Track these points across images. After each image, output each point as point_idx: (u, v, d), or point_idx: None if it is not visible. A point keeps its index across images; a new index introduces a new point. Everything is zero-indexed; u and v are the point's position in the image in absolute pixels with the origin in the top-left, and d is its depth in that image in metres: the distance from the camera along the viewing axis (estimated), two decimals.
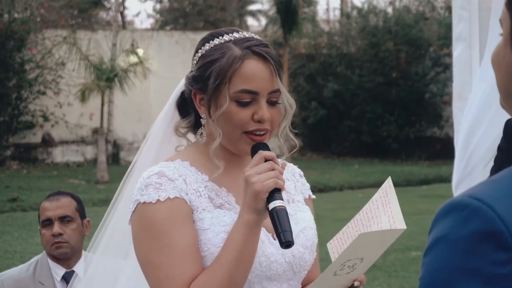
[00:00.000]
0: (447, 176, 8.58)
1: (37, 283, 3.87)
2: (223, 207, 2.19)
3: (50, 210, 3.91)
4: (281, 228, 2.00)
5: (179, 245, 2.09)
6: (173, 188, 2.14)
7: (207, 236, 2.13)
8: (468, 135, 3.65)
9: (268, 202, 2.04)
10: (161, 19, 32.93)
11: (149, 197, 2.12)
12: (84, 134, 21.50)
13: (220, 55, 2.17)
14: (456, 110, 3.79)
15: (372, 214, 2.27)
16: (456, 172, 3.75)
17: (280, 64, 2.21)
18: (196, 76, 2.22)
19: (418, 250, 10.43)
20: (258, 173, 2.05)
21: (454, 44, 3.81)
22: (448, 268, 1.39)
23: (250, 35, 2.24)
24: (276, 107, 2.19)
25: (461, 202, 1.41)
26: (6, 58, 19.08)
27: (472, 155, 3.65)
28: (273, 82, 2.17)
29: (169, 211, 2.11)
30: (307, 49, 23.76)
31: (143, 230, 2.13)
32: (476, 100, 3.64)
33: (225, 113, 2.14)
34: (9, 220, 13.34)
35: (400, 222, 2.20)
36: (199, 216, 2.15)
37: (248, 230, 2.06)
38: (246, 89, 2.14)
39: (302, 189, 2.44)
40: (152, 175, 2.16)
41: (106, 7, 28.03)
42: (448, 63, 21.48)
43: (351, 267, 2.13)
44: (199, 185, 2.19)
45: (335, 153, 23.24)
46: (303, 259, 2.24)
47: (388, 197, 2.27)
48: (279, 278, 2.19)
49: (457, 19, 3.78)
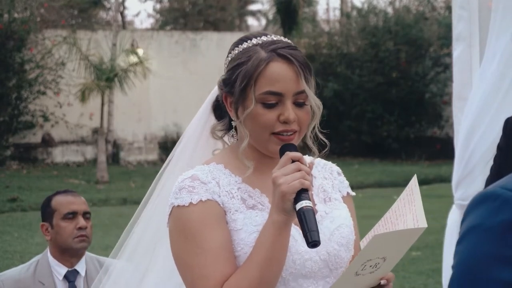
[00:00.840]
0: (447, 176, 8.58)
1: (37, 283, 3.88)
2: (255, 207, 2.24)
3: (77, 204, 3.96)
4: (307, 227, 2.04)
5: (212, 246, 2.15)
6: (205, 190, 2.20)
7: (240, 236, 2.18)
8: (468, 135, 3.66)
9: (295, 203, 2.08)
10: (161, 19, 32.94)
11: (182, 200, 2.19)
12: (84, 134, 21.51)
13: (246, 58, 2.23)
14: (456, 110, 3.79)
15: (400, 212, 2.30)
16: (456, 172, 3.75)
17: (307, 66, 2.25)
18: (225, 79, 2.29)
19: (418, 250, 10.43)
20: (284, 174, 2.10)
21: (454, 44, 3.81)
22: (481, 255, 1.44)
23: (278, 38, 2.29)
24: (304, 108, 2.23)
25: (493, 192, 1.45)
26: (6, 58, 19.09)
27: (472, 155, 3.65)
28: (298, 84, 2.21)
29: (201, 213, 2.18)
30: (307, 49, 23.75)
31: (178, 232, 2.19)
32: (476, 100, 3.64)
33: (251, 115, 2.20)
34: (9, 220, 13.34)
35: (422, 221, 2.23)
36: (232, 217, 2.21)
37: (278, 230, 2.10)
38: (271, 90, 2.19)
39: (340, 187, 2.47)
40: (186, 178, 2.22)
41: (106, 7, 28.04)
42: (448, 63, 21.49)
43: (374, 266, 2.15)
44: (232, 187, 2.25)
45: (335, 153, 23.23)
46: (338, 256, 2.27)
47: (413, 195, 2.31)
48: (314, 275, 2.23)
49: (457, 19, 3.78)
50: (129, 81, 18.60)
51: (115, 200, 15.37)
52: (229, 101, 2.27)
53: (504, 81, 3.55)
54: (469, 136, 3.64)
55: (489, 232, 1.43)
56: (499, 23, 3.53)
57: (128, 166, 20.98)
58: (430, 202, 14.78)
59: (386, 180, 18.44)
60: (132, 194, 15.59)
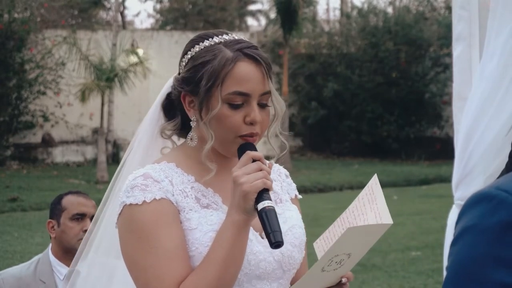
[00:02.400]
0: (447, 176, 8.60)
1: (38, 281, 3.88)
2: (210, 207, 2.19)
3: (87, 206, 3.97)
4: (270, 228, 2.01)
5: (167, 245, 2.09)
6: (159, 189, 2.14)
7: (195, 236, 2.13)
8: (467, 134, 3.65)
9: (256, 202, 2.05)
10: (161, 19, 32.95)
11: (135, 198, 2.12)
12: (84, 134, 21.51)
13: (211, 57, 2.16)
14: (456, 110, 3.79)
15: (359, 212, 2.27)
16: (456, 172, 3.75)
17: (270, 66, 2.20)
18: (186, 78, 2.21)
19: (418, 250, 10.43)
20: (246, 174, 2.06)
21: (454, 44, 3.81)
22: (476, 256, 1.44)
23: (240, 37, 2.23)
24: (266, 109, 2.19)
25: (488, 193, 1.46)
26: (6, 58, 19.10)
27: (472, 155, 3.65)
28: (265, 84, 2.17)
29: (155, 212, 2.11)
30: (307, 49, 23.77)
31: (130, 232, 2.12)
32: (476, 99, 3.64)
33: (217, 116, 2.14)
34: (9, 220, 13.34)
35: (387, 217, 2.19)
36: (186, 216, 2.15)
37: (237, 230, 2.06)
38: (239, 91, 2.13)
39: (289, 189, 2.43)
40: (138, 177, 2.15)
41: (106, 7, 28.04)
42: (448, 63, 21.50)
43: (339, 263, 2.13)
44: (185, 185, 2.19)
45: (335, 153, 23.24)
46: (292, 257, 2.24)
47: (374, 194, 2.26)
48: (268, 276, 2.20)
49: (457, 19, 3.78)
50: (129, 81, 18.60)
51: None
52: (189, 101, 2.21)
53: (503, 80, 3.55)
54: (469, 136, 3.64)
55: (484, 232, 1.43)
56: (498, 21, 3.53)
57: None
58: (430, 202, 14.79)
59: (386, 180, 18.42)
60: None
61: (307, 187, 17.01)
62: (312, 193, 16.68)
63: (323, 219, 11.79)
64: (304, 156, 23.24)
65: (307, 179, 17.76)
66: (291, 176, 2.51)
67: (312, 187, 17.08)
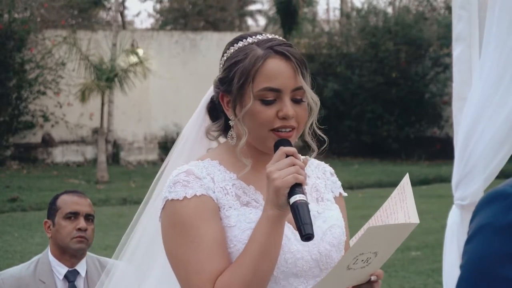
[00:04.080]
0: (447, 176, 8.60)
1: (37, 281, 3.88)
2: (250, 204, 2.24)
3: (80, 205, 3.96)
4: (301, 221, 2.04)
5: (206, 241, 2.14)
6: (200, 186, 2.20)
7: (233, 233, 2.18)
8: (467, 134, 3.66)
9: (289, 197, 2.08)
10: (161, 19, 32.95)
11: (176, 194, 2.18)
12: (84, 134, 21.51)
13: (243, 56, 2.23)
14: (456, 110, 3.79)
15: (391, 210, 2.31)
16: (456, 172, 3.75)
17: (303, 63, 2.26)
18: (222, 78, 2.28)
19: (418, 250, 10.43)
20: (278, 169, 2.10)
21: (454, 44, 3.81)
22: (490, 254, 1.43)
23: (273, 36, 2.30)
24: (301, 104, 2.23)
25: (503, 191, 1.46)
26: (6, 58, 19.10)
27: (472, 154, 3.65)
28: (296, 80, 2.22)
29: (195, 207, 2.17)
30: (307, 49, 23.76)
31: (171, 227, 2.18)
32: (475, 99, 3.64)
33: (250, 112, 2.19)
34: (9, 220, 13.34)
35: (414, 217, 2.21)
36: (225, 213, 2.20)
37: (272, 225, 2.10)
38: (269, 87, 2.19)
39: (333, 187, 2.46)
40: (181, 173, 2.21)
41: (106, 7, 28.03)
42: (448, 63, 21.49)
43: (365, 261, 2.15)
44: (226, 183, 2.24)
45: (335, 153, 23.24)
46: (329, 256, 2.27)
47: (405, 193, 2.30)
48: (305, 275, 2.23)
49: (457, 19, 3.78)
50: (129, 81, 18.60)
51: (115, 200, 15.37)
52: (226, 100, 2.26)
53: (502, 80, 3.55)
54: (469, 136, 3.64)
55: (499, 230, 1.43)
56: (496, 21, 3.53)
57: (128, 166, 20.97)
58: (430, 202, 14.78)
59: (386, 180, 18.42)
60: (132, 194, 15.59)
61: None
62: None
63: None
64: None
65: None
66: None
67: None
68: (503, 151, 3.62)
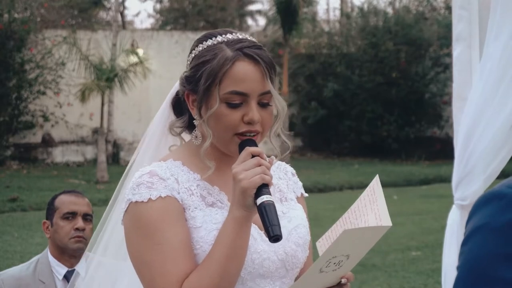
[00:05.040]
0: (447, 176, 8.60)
1: (37, 281, 3.88)
2: (215, 205, 2.21)
3: (78, 205, 3.95)
4: (269, 222, 2.02)
5: (172, 242, 2.11)
6: (164, 187, 2.16)
7: (199, 234, 2.15)
8: (467, 134, 3.66)
9: (256, 198, 2.06)
10: (161, 19, 32.94)
11: (140, 196, 2.14)
12: (84, 134, 21.51)
13: (212, 56, 2.18)
14: (456, 110, 3.79)
15: (360, 212, 2.27)
16: (456, 172, 3.75)
17: (272, 66, 2.20)
18: (189, 76, 2.23)
19: (418, 250, 10.43)
20: (245, 170, 2.07)
21: (454, 44, 3.81)
22: (487, 255, 1.43)
23: (244, 36, 2.24)
24: (267, 109, 2.19)
25: (499, 192, 1.46)
26: (6, 58, 19.09)
27: (472, 154, 3.65)
28: (264, 84, 2.17)
29: (160, 209, 2.13)
30: (307, 49, 23.76)
31: (136, 229, 2.15)
32: (475, 99, 3.64)
33: (215, 114, 2.16)
34: (9, 220, 13.34)
35: (386, 219, 2.19)
36: (191, 214, 2.17)
37: (238, 226, 2.08)
38: (236, 90, 2.15)
39: (294, 188, 2.44)
40: (144, 174, 2.17)
41: (106, 7, 28.03)
42: (448, 63, 21.49)
43: (337, 264, 2.14)
44: (191, 184, 2.21)
45: (335, 153, 23.24)
46: (295, 256, 2.25)
47: (375, 195, 2.26)
48: (272, 275, 2.21)
49: (457, 19, 3.78)
50: (129, 81, 18.59)
51: None
52: (191, 99, 2.23)
53: (503, 81, 3.55)
54: (469, 136, 3.64)
55: (495, 231, 1.43)
56: (497, 21, 3.53)
57: None
58: (430, 202, 14.78)
59: (386, 180, 18.40)
60: None
61: (307, 187, 16.74)
62: (312, 193, 16.67)
63: (323, 219, 11.79)
64: (304, 156, 23.24)
65: (307, 179, 17.75)
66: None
67: (312, 187, 17.06)
68: (504, 151, 3.62)
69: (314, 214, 12.46)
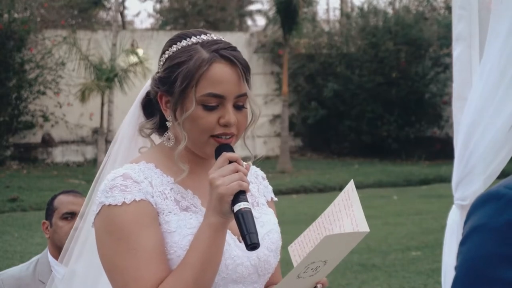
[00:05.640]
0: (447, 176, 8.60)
1: (37, 281, 3.88)
2: (189, 209, 2.17)
3: (76, 205, 3.94)
4: (246, 230, 2.00)
5: (146, 247, 2.07)
6: (139, 190, 2.12)
7: (173, 239, 2.11)
8: (467, 134, 3.65)
9: (233, 204, 2.03)
10: (161, 19, 32.94)
11: (114, 199, 2.10)
12: (84, 134, 21.51)
13: (187, 57, 2.16)
14: (456, 110, 3.79)
15: (334, 217, 2.26)
16: (456, 172, 3.75)
17: (247, 68, 2.18)
18: (163, 78, 2.20)
19: (418, 250, 10.43)
20: (222, 176, 2.04)
21: (454, 44, 3.81)
22: (485, 255, 1.43)
23: (218, 37, 2.21)
24: (242, 111, 2.17)
25: (497, 192, 1.45)
26: (6, 58, 19.09)
27: (472, 155, 3.65)
28: (240, 86, 2.15)
29: (135, 213, 2.09)
30: (307, 49, 23.75)
31: (108, 233, 2.10)
32: (475, 99, 3.64)
33: (191, 117, 2.12)
34: (9, 220, 13.34)
35: (363, 225, 2.17)
36: (165, 218, 2.13)
37: (214, 233, 2.05)
38: (213, 92, 2.12)
39: (265, 192, 2.41)
40: (117, 177, 2.13)
41: (106, 7, 28.02)
42: (448, 63, 21.49)
43: (315, 269, 2.13)
44: (164, 187, 2.17)
45: (335, 153, 23.24)
46: (268, 262, 2.24)
47: (350, 200, 2.25)
48: (244, 281, 2.19)
49: (457, 19, 3.78)
50: (129, 81, 18.59)
51: None
52: (165, 100, 2.20)
53: (503, 81, 3.55)
54: (469, 136, 3.64)
55: (493, 231, 1.43)
56: (498, 21, 3.53)
57: None
58: (430, 202, 14.78)
59: (386, 180, 18.43)
60: None
61: (307, 187, 17.00)
62: (312, 193, 16.67)
63: None
64: (304, 156, 23.24)
65: (307, 179, 17.74)
66: (291, 175, 2.51)
67: (312, 187, 17.05)
68: (504, 151, 3.62)
69: (314, 214, 12.43)
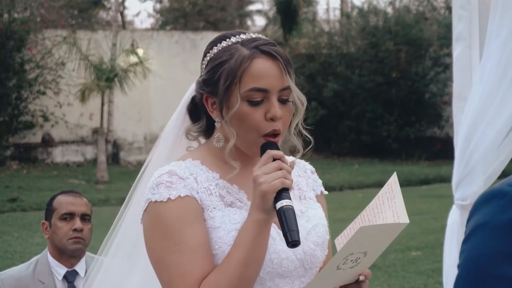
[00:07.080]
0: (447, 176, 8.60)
1: (37, 281, 3.88)
2: (234, 205, 2.20)
3: (75, 205, 3.94)
4: (287, 227, 2.02)
5: (190, 243, 2.11)
6: (184, 186, 2.16)
7: (218, 234, 2.14)
8: (467, 134, 3.65)
9: (275, 202, 2.05)
10: (161, 19, 32.95)
11: (160, 195, 2.14)
12: (84, 134, 21.51)
13: (228, 56, 2.19)
14: (456, 110, 3.79)
15: (378, 210, 2.28)
16: (456, 172, 3.75)
17: (289, 62, 2.21)
18: (206, 79, 2.23)
19: (418, 250, 10.43)
20: (265, 173, 2.06)
21: (454, 44, 3.81)
22: (488, 253, 1.44)
23: (257, 35, 2.25)
24: (287, 105, 2.20)
25: (501, 190, 1.46)
26: (6, 58, 19.10)
27: (472, 155, 3.65)
28: (283, 80, 2.18)
29: (180, 209, 2.13)
30: (307, 49, 23.75)
31: (155, 229, 2.15)
32: (476, 99, 3.64)
33: (237, 114, 2.15)
34: (9, 220, 13.34)
35: (403, 216, 2.20)
36: (209, 214, 2.17)
37: (258, 229, 2.08)
38: (257, 87, 2.15)
39: (314, 186, 2.44)
40: (163, 174, 2.17)
41: (106, 7, 28.02)
42: (448, 63, 21.48)
43: (355, 261, 2.14)
44: (210, 183, 2.20)
45: (335, 153, 23.24)
46: (314, 256, 2.25)
47: (393, 192, 2.28)
48: (290, 275, 2.21)
49: (457, 19, 3.78)
50: (129, 81, 18.60)
51: (115, 200, 15.36)
52: (211, 102, 2.22)
53: (503, 81, 3.55)
54: (469, 136, 3.64)
55: (496, 229, 1.43)
56: (498, 22, 3.53)
57: (128, 166, 20.96)
58: (430, 202, 14.78)
59: (386, 180, 18.04)
60: None
61: None
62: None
63: None
64: (304, 156, 23.20)
65: None
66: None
67: None
68: (505, 151, 3.62)
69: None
